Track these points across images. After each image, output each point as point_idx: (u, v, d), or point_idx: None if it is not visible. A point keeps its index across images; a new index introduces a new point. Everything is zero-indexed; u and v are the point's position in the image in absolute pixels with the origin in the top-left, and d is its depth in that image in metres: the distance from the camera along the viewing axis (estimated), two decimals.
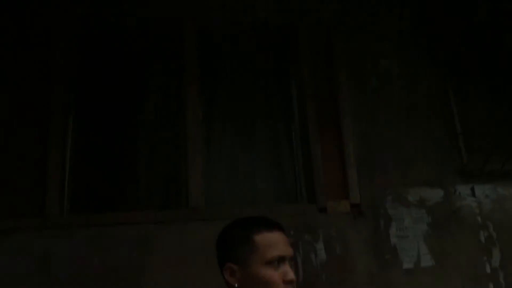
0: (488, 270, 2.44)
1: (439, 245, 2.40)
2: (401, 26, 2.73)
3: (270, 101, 2.65)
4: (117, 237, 2.07)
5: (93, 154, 2.36)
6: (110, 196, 2.26)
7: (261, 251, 1.01)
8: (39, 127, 2.21)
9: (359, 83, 2.60)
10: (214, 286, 2.10)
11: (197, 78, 2.43)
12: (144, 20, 2.56)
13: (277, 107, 2.64)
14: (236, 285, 1.04)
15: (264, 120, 2.57)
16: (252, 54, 2.68)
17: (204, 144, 2.39)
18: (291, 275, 1.01)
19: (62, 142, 2.17)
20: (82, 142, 2.35)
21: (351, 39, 2.66)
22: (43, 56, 2.36)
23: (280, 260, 1.02)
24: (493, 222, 2.49)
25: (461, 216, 2.46)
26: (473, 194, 2.50)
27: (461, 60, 2.73)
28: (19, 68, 2.33)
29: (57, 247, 2.01)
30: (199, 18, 2.54)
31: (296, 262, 2.21)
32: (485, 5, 2.71)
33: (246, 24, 2.62)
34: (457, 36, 2.74)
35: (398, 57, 2.68)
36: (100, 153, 2.38)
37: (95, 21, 2.51)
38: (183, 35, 2.50)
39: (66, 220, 2.05)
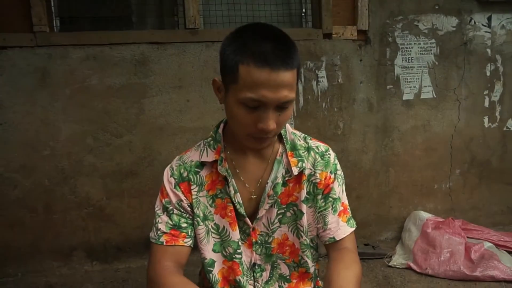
0: (487, 104, 2.47)
1: (442, 78, 2.37)
2: None
3: None
4: (113, 57, 2.00)
5: None
6: (101, 17, 2.12)
7: (240, 86, 0.84)
8: None
9: None
10: (211, 107, 2.15)
11: None
12: None
13: None
14: (219, 101, 0.96)
15: None
16: None
17: None
18: (266, 124, 0.86)
19: None
20: None
21: None
22: None
23: (259, 104, 0.85)
24: (502, 56, 2.42)
25: (471, 48, 2.37)
26: (489, 24, 2.36)
27: None
28: None
29: (54, 66, 1.96)
30: None
31: (297, 89, 2.20)
32: None
33: None
34: None
35: None
36: None
37: None
38: None
39: (58, 38, 1.95)
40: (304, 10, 2.26)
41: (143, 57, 2.03)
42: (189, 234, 1.01)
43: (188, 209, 1.02)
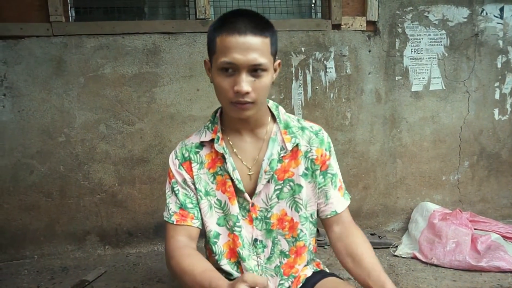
0: (497, 96, 2.45)
1: (452, 69, 2.36)
2: None
3: None
4: (125, 47, 2.06)
5: None
6: (114, 8, 2.16)
7: (217, 54, 0.96)
8: None
9: None
10: None
11: None
12: None
13: None
14: (210, 80, 1.05)
15: None
16: None
17: None
18: (240, 86, 0.93)
19: None
20: None
21: None
22: None
23: (234, 68, 0.94)
24: None
25: (482, 39, 2.35)
26: (501, 16, 2.34)
27: None
28: None
29: (69, 55, 2.03)
30: None
31: (306, 80, 2.23)
32: None
33: None
34: None
35: None
36: None
37: None
38: None
39: (73, 28, 2.00)
40: (314, 0, 2.28)
41: (155, 47, 2.08)
42: (196, 215, 1.10)
43: (192, 186, 1.10)
